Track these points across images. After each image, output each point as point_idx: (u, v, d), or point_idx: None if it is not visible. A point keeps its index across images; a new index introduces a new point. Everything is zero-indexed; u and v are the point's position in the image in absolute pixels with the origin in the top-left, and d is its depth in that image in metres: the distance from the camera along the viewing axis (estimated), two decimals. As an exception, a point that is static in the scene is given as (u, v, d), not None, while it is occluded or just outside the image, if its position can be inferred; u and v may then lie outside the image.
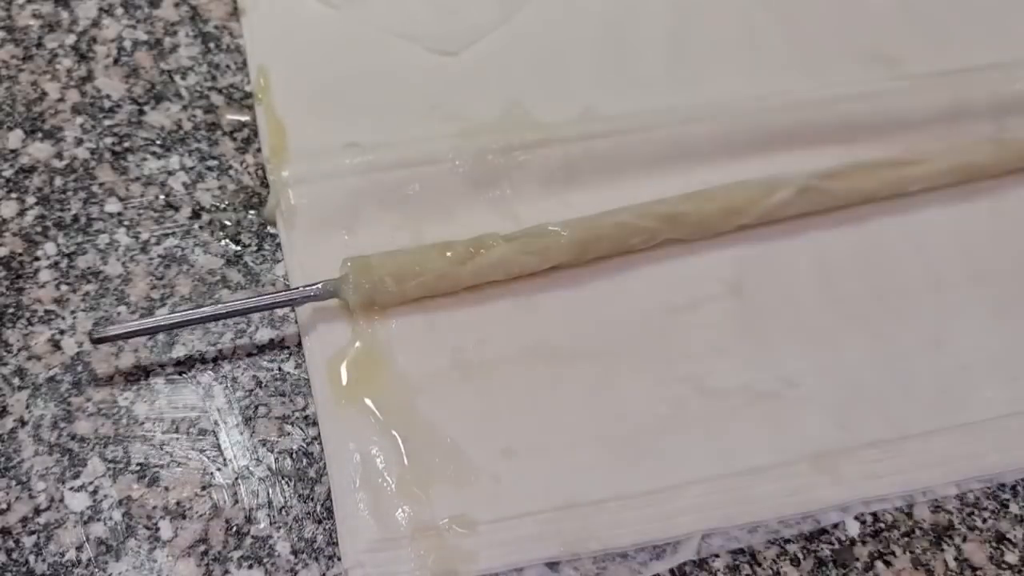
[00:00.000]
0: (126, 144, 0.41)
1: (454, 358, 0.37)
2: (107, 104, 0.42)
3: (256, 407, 0.36)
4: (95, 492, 0.34)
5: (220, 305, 0.36)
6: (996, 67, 0.46)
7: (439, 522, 0.34)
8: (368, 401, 0.36)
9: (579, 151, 0.41)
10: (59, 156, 0.40)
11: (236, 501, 0.34)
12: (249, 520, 0.34)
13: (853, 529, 0.36)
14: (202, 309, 0.35)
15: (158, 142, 0.41)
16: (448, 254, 0.37)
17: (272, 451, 0.35)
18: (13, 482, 0.34)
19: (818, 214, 0.42)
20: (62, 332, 0.36)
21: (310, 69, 0.43)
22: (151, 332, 0.36)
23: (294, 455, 0.35)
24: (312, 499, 0.34)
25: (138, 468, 0.34)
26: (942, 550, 0.36)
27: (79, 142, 0.40)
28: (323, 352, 0.36)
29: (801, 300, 0.40)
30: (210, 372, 0.36)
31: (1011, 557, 0.36)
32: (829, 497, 0.36)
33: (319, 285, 0.36)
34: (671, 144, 0.42)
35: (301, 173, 0.40)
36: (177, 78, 0.43)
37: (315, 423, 0.36)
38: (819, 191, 0.41)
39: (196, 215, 0.40)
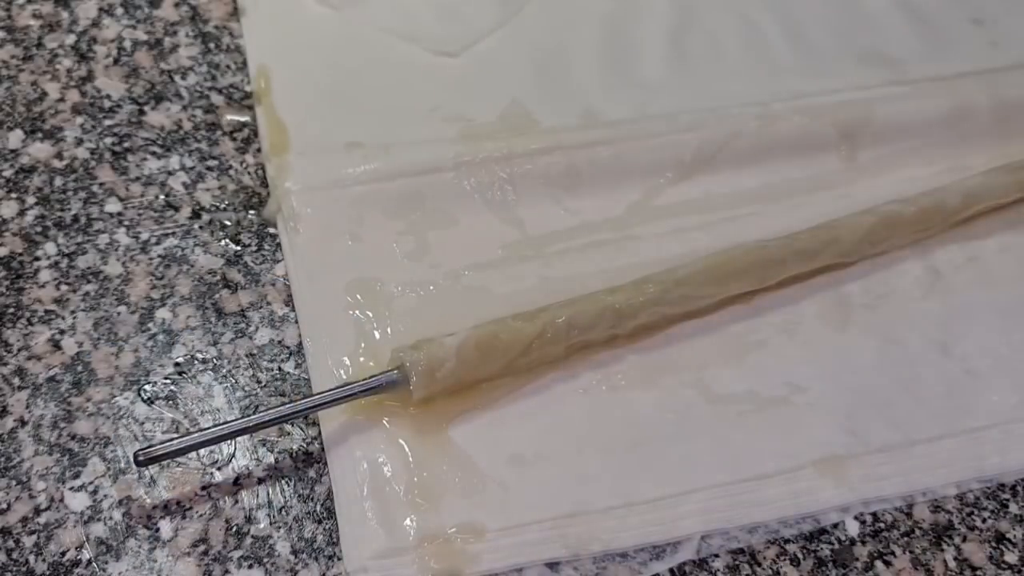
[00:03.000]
0: (126, 144, 0.41)
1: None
2: (107, 104, 0.42)
3: (256, 407, 0.36)
4: (95, 492, 0.34)
5: (273, 410, 0.33)
6: (998, 70, 0.46)
7: (447, 531, 0.33)
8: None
9: (582, 158, 0.41)
10: (59, 156, 0.40)
11: (236, 501, 0.34)
12: (249, 520, 0.34)
13: (853, 529, 0.36)
14: (248, 419, 0.33)
15: (158, 142, 0.41)
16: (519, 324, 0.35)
17: (272, 451, 0.35)
18: (13, 482, 0.34)
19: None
20: (62, 332, 0.36)
21: (310, 69, 0.43)
22: (197, 447, 0.33)
23: (294, 455, 0.35)
24: (312, 499, 0.34)
25: (138, 468, 0.34)
26: (942, 550, 0.36)
27: (79, 142, 0.40)
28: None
29: (807, 305, 0.40)
30: (210, 372, 0.36)
31: (1011, 557, 0.36)
32: (832, 499, 0.36)
33: (380, 378, 0.34)
34: (674, 151, 0.42)
35: (304, 182, 0.39)
36: (177, 78, 0.43)
37: (315, 423, 0.36)
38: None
39: (196, 215, 0.40)
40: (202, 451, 0.35)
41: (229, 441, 0.34)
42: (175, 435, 0.34)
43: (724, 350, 0.38)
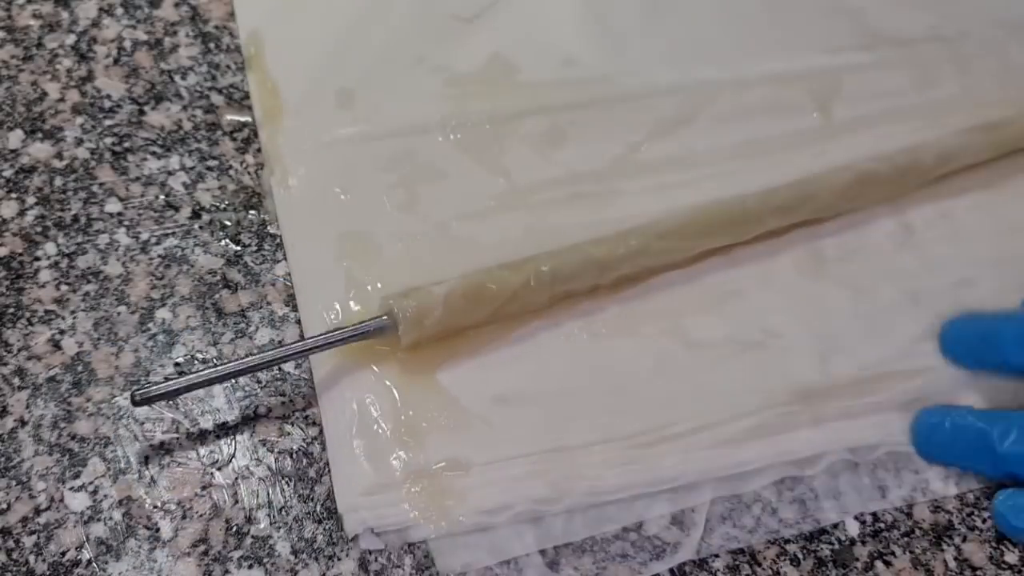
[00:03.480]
0: (126, 144, 0.41)
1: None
2: (107, 104, 0.42)
3: (256, 407, 0.36)
4: (95, 492, 0.34)
5: (268, 352, 0.34)
6: (961, 34, 0.48)
7: (433, 466, 0.34)
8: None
9: (565, 119, 0.43)
10: (59, 156, 0.40)
11: (236, 501, 0.34)
12: (249, 520, 0.34)
13: (853, 529, 0.36)
14: (243, 360, 0.34)
15: (158, 142, 0.41)
16: (506, 273, 0.37)
17: (272, 451, 0.35)
18: (13, 482, 0.34)
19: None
20: (62, 332, 0.36)
21: (299, 28, 0.44)
22: (192, 388, 0.34)
23: (294, 455, 0.35)
24: (312, 499, 0.34)
25: (138, 468, 0.34)
26: (942, 550, 0.36)
27: (79, 142, 0.40)
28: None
29: (783, 257, 0.41)
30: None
31: (1011, 557, 0.36)
32: (809, 437, 0.36)
33: (370, 324, 0.35)
34: (654, 113, 0.44)
35: (297, 144, 0.41)
36: (177, 78, 0.43)
37: (315, 423, 0.36)
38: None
39: (196, 215, 0.40)
40: (202, 451, 0.35)
41: (226, 383, 0.35)
42: (172, 377, 0.35)
43: (702, 299, 0.39)
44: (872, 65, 0.46)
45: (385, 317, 0.35)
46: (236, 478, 0.34)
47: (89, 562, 0.33)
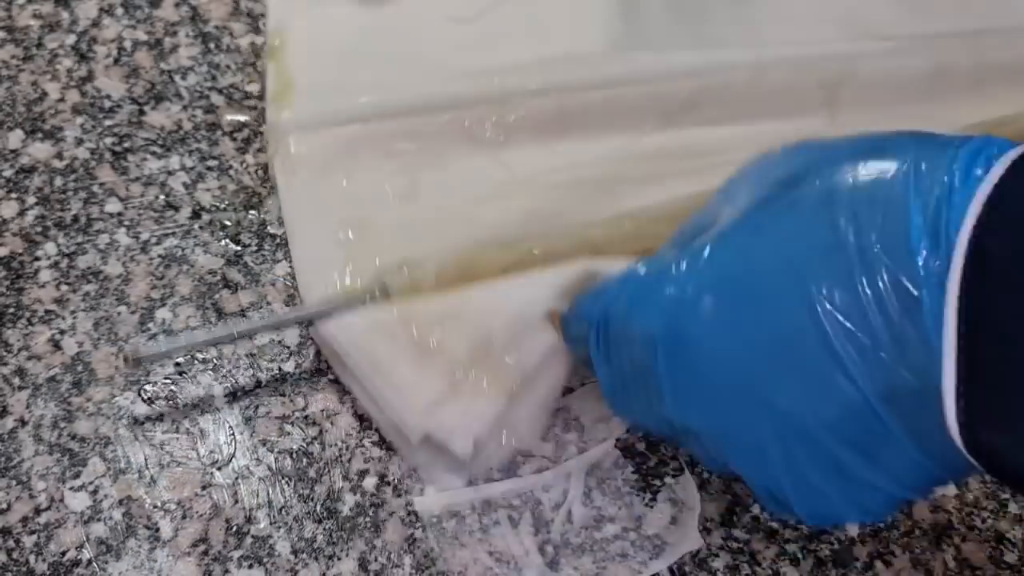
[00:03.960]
0: (126, 144, 0.41)
1: None
2: (107, 104, 0.42)
3: (256, 407, 0.36)
4: (95, 492, 0.34)
5: (258, 321, 0.35)
6: (980, 32, 0.47)
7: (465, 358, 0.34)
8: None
9: (574, 102, 0.42)
10: (59, 156, 0.40)
11: (236, 501, 0.34)
12: (249, 520, 0.34)
13: (852, 528, 0.36)
14: (235, 325, 0.34)
15: (158, 142, 0.41)
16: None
17: (272, 451, 0.35)
18: (13, 482, 0.34)
19: None
20: (62, 332, 0.36)
21: (325, 26, 0.43)
22: (189, 350, 0.35)
23: (294, 455, 0.35)
24: (312, 499, 0.34)
25: (138, 468, 0.34)
26: (941, 550, 0.36)
27: (79, 142, 0.40)
28: None
29: None
30: (210, 372, 0.36)
31: (1010, 557, 0.36)
32: None
33: (363, 296, 0.36)
34: (663, 100, 0.43)
35: (301, 119, 0.40)
36: (177, 78, 0.43)
37: (315, 423, 0.36)
38: None
39: (196, 215, 0.40)
40: (202, 451, 0.35)
41: (216, 347, 0.36)
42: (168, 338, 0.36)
43: None
44: (887, 54, 0.46)
45: (378, 290, 0.35)
46: (236, 478, 0.34)
47: (89, 562, 0.33)
